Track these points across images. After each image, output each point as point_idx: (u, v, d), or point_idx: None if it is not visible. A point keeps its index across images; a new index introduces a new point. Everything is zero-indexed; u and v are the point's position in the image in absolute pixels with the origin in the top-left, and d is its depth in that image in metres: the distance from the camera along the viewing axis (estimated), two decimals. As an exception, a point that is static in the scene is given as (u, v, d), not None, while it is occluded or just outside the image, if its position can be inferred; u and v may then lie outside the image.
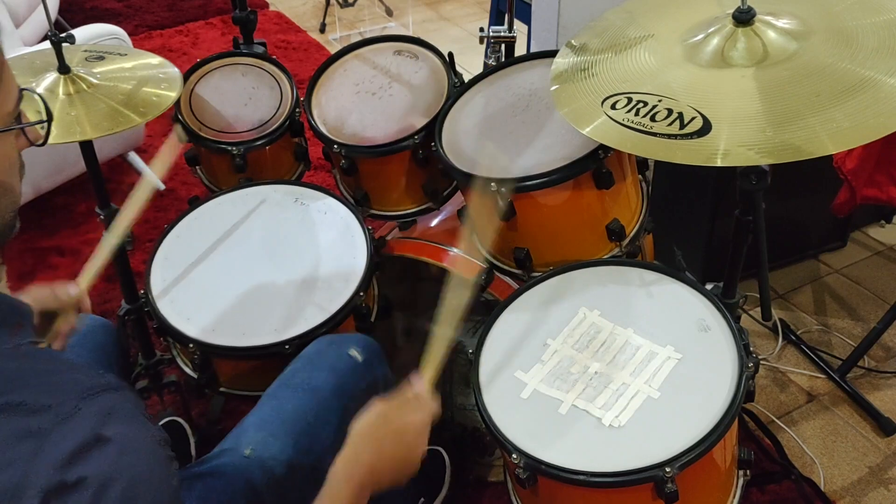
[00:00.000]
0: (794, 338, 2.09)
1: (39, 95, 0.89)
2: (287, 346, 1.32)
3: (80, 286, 1.17)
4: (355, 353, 1.25)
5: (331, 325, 1.35)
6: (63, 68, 1.44)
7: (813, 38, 1.11)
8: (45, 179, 2.41)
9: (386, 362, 1.33)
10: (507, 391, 1.16)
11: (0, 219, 0.80)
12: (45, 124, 0.86)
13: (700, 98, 1.09)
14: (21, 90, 0.80)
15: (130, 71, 1.52)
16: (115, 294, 2.08)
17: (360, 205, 1.64)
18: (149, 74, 1.52)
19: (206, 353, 1.36)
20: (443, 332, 1.09)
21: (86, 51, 1.57)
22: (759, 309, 2.10)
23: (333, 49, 3.65)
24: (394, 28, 4.00)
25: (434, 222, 1.77)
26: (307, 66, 3.51)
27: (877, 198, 1.78)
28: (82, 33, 2.30)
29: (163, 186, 2.64)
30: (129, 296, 1.70)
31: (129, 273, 1.63)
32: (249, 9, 1.93)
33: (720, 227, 2.08)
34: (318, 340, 1.29)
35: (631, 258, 1.42)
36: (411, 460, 0.99)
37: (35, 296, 1.09)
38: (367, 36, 1.51)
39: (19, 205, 0.84)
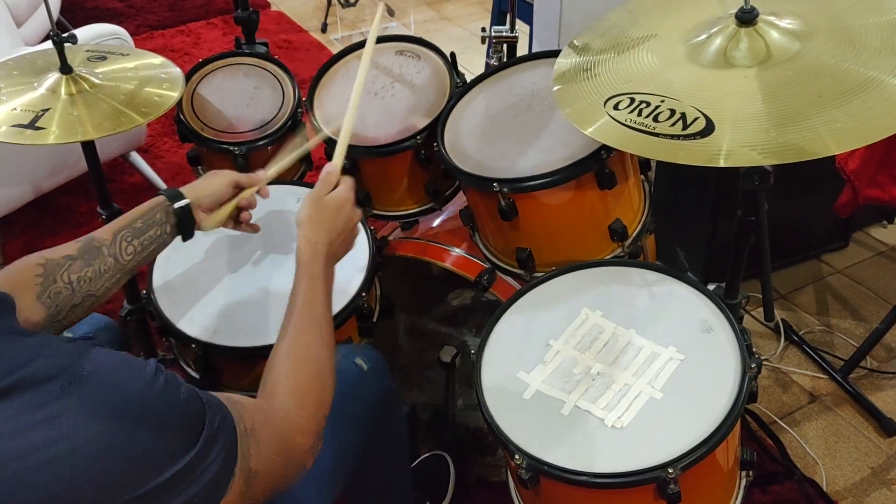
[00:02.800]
0: (796, 338, 2.09)
1: None
2: (289, 347, 1.31)
3: (268, 173, 1.34)
4: (361, 362, 1.27)
5: (333, 326, 1.34)
6: (65, 68, 1.44)
7: (816, 38, 1.11)
8: (46, 179, 2.41)
9: (389, 372, 1.34)
10: (509, 392, 1.16)
11: None
12: None
13: (703, 98, 1.09)
14: None
15: (132, 71, 1.52)
16: (117, 294, 2.08)
17: (362, 205, 1.64)
18: (151, 74, 1.52)
19: (208, 353, 1.35)
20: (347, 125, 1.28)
21: (88, 51, 1.57)
22: (761, 309, 2.10)
23: (335, 49, 3.65)
24: (395, 28, 4.00)
25: (436, 222, 1.77)
26: (309, 65, 3.51)
27: (879, 198, 1.78)
28: (84, 33, 2.30)
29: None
30: (131, 295, 1.71)
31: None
32: (251, 9, 1.93)
33: (722, 227, 2.08)
34: None
35: (633, 258, 1.42)
36: (352, 226, 1.20)
37: (229, 174, 1.27)
38: (369, 35, 1.51)
39: None
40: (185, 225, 1.21)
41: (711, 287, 1.28)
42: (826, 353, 2.04)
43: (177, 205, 1.20)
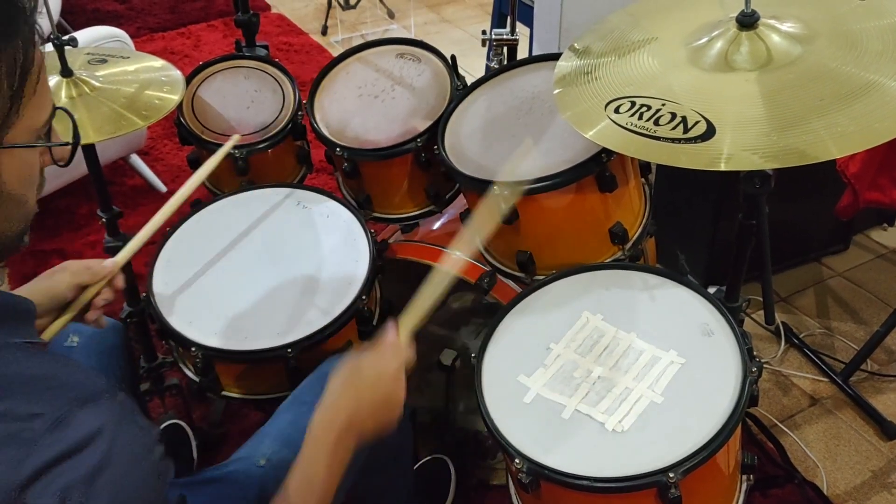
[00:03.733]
0: (796, 341, 2.08)
1: (71, 116, 0.88)
2: (289, 350, 1.31)
3: (116, 261, 1.20)
4: None
5: (333, 329, 1.35)
6: (66, 71, 1.44)
7: (817, 42, 1.11)
8: (47, 182, 2.40)
9: None
10: (509, 395, 1.15)
11: (9, 230, 0.79)
12: (71, 146, 0.86)
13: (704, 102, 1.09)
14: (55, 108, 0.81)
15: (133, 74, 1.52)
16: (117, 296, 2.08)
17: (363, 208, 1.64)
18: (151, 77, 1.52)
19: (209, 357, 1.35)
20: (431, 291, 1.10)
21: (88, 54, 1.57)
22: (762, 312, 2.10)
23: (335, 51, 3.65)
24: (395, 30, 4.00)
25: (436, 225, 1.77)
26: (309, 68, 3.52)
27: (879, 201, 1.78)
28: (84, 36, 2.30)
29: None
30: (131, 298, 1.70)
31: (131, 275, 1.63)
32: (252, 12, 1.93)
33: (723, 230, 2.08)
34: (330, 359, 1.30)
35: (634, 262, 1.42)
36: (391, 406, 1.01)
37: (72, 269, 1.13)
38: (369, 38, 1.51)
39: (31, 219, 0.84)
40: None
41: (712, 290, 1.28)
42: (826, 356, 2.04)
43: None
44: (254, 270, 1.44)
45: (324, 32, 3.93)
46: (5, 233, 0.79)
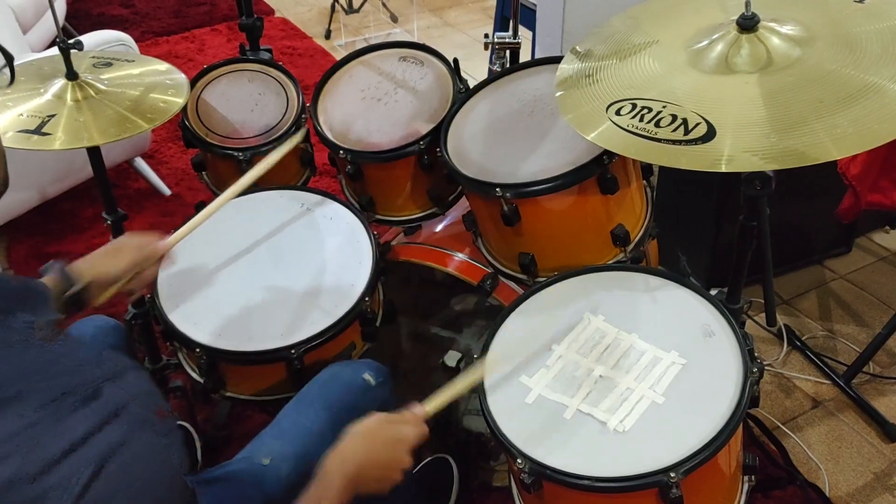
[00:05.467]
0: (799, 343, 2.09)
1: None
2: (293, 351, 1.32)
3: (168, 242, 1.31)
4: (368, 377, 1.29)
5: (336, 330, 1.35)
6: (71, 74, 1.45)
7: (817, 44, 1.12)
8: (52, 185, 2.42)
9: (393, 387, 1.35)
10: (512, 396, 1.16)
11: None
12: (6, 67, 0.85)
13: (704, 104, 1.09)
14: None
15: (138, 77, 1.53)
16: (122, 297, 2.09)
17: (366, 210, 1.64)
18: (156, 80, 1.53)
19: (213, 358, 1.36)
20: (462, 386, 1.14)
21: (93, 57, 1.58)
22: (764, 314, 2.10)
23: (339, 55, 3.67)
24: (399, 34, 4.01)
25: (439, 227, 1.78)
26: (312, 71, 3.53)
27: (881, 203, 1.78)
28: (89, 40, 2.31)
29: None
30: (136, 300, 1.71)
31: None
32: (256, 16, 1.94)
33: (725, 232, 2.08)
34: (333, 365, 1.32)
35: (636, 263, 1.42)
36: (396, 470, 1.06)
37: (132, 246, 1.26)
38: (372, 42, 1.51)
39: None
40: (75, 305, 1.17)
41: (714, 292, 1.29)
42: (829, 358, 2.04)
43: (69, 292, 1.15)
44: (258, 272, 1.45)
45: (327, 36, 3.95)
46: None
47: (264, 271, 1.45)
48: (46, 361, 0.78)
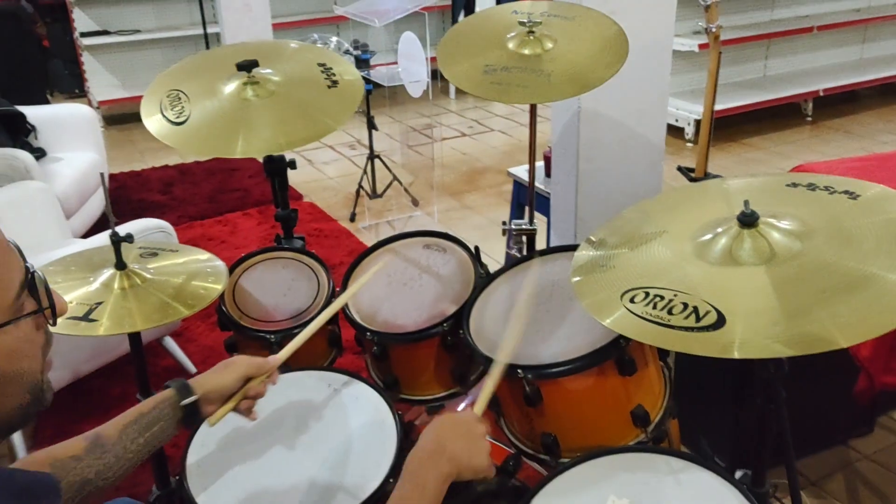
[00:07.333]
0: (830, 527, 2.02)
1: (44, 279, 0.88)
2: (318, 534, 1.32)
3: (278, 357, 1.39)
4: None
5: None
6: (120, 265, 1.55)
7: (815, 238, 1.20)
8: (85, 364, 2.49)
9: None
10: (539, 584, 1.14)
11: (9, 405, 0.82)
12: (49, 311, 0.88)
13: (713, 292, 1.16)
14: (29, 273, 0.82)
15: (182, 265, 1.64)
16: (145, 477, 2.09)
17: (390, 389, 1.68)
18: (198, 268, 1.64)
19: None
20: (493, 381, 1.26)
21: (141, 247, 1.70)
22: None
23: (363, 236, 3.85)
24: (420, 216, 4.22)
25: (461, 406, 1.81)
26: (338, 251, 3.69)
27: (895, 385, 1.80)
28: (131, 227, 2.48)
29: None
30: (161, 480, 1.72)
31: (161, 456, 1.65)
32: (290, 207, 2.09)
33: (745, 412, 2.08)
34: None
35: (657, 443, 1.43)
36: (477, 442, 1.12)
37: (243, 363, 1.32)
38: (395, 224, 1.63)
39: (41, 386, 0.88)
40: (191, 419, 1.26)
41: (739, 474, 1.29)
42: (863, 543, 1.97)
43: (185, 402, 1.24)
44: (285, 453, 1.47)
45: (352, 219, 4.16)
46: (5, 408, 0.81)
47: (291, 451, 1.47)
48: None
